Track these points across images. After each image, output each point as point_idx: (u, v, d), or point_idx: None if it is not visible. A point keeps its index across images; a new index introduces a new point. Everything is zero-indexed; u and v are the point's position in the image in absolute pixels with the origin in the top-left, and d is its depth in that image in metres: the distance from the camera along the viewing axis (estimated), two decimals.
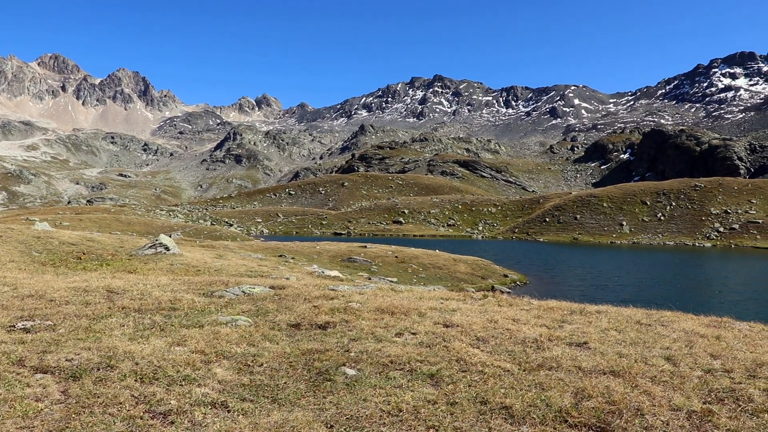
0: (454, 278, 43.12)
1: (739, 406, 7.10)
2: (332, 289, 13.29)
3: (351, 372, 7.70)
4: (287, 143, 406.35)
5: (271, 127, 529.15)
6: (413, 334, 9.47)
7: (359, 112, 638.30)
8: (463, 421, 6.37)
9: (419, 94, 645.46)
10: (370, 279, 34.99)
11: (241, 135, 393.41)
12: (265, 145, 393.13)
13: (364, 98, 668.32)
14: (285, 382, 7.38)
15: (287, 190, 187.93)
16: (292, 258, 41.30)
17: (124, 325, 9.63)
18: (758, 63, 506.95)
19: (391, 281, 34.64)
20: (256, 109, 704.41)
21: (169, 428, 6.06)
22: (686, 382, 7.69)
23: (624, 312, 11.79)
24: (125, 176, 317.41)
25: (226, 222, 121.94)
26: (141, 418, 6.17)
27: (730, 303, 36.70)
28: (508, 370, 7.86)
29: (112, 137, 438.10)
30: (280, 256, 42.00)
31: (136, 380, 7.14)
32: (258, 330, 9.60)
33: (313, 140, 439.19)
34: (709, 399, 7.24)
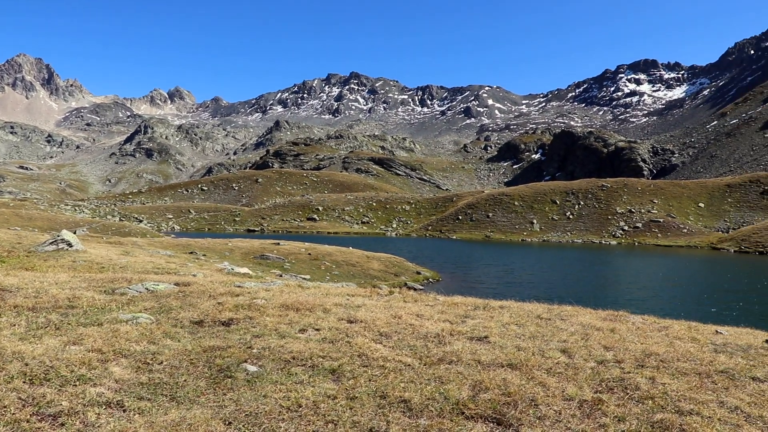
0: (367, 275, 43.29)
1: (627, 394, 7.44)
2: (238, 286, 13.14)
3: (252, 368, 7.62)
4: (200, 138, 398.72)
5: (184, 121, 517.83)
6: (317, 330, 9.47)
7: (274, 107, 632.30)
8: (362, 415, 6.41)
9: (335, 90, 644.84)
10: (281, 276, 34.73)
11: (152, 128, 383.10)
12: (177, 139, 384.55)
13: (280, 94, 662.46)
14: (185, 380, 7.24)
15: (200, 185, 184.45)
16: (203, 255, 40.56)
17: (15, 325, 9.20)
18: (660, 70, 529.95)
19: (304, 278, 34.54)
20: (169, 102, 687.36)
21: (59, 430, 5.83)
22: (580, 373, 7.99)
23: (526, 307, 12.14)
24: (26, 169, 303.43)
25: (136, 218, 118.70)
26: (27, 422, 5.87)
27: (634, 298, 38.19)
28: (409, 365, 7.97)
29: (12, 127, 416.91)
30: (191, 253, 41.16)
31: (24, 382, 6.82)
32: (159, 327, 9.39)
33: (227, 135, 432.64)
34: (600, 388, 7.56)
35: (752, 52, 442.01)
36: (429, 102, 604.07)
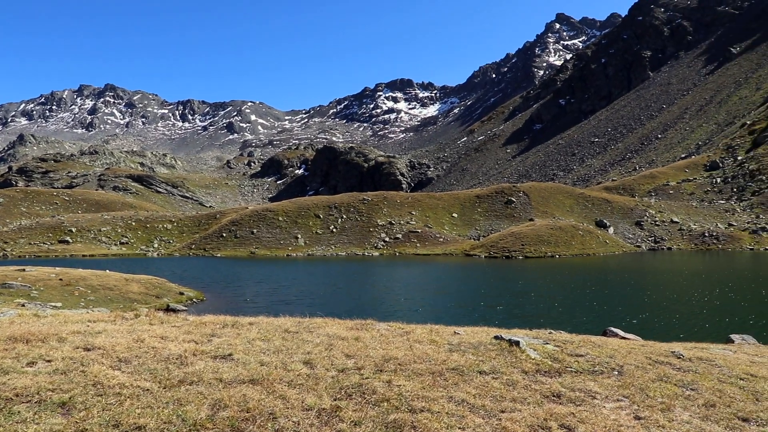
0: (126, 299, 41.17)
1: (365, 398, 7.80)
2: None
3: None
4: None
5: None
6: (48, 361, 8.82)
7: (17, 119, 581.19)
8: None
9: (89, 103, 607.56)
10: (24, 306, 31.90)
11: None
12: None
13: (24, 105, 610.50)
14: None
15: None
16: None
17: None
18: (415, 89, 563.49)
19: (55, 306, 32.01)
20: None
21: None
22: (320, 383, 8.24)
23: (276, 322, 12.25)
24: None
25: None
26: None
27: (396, 306, 39.97)
28: (148, 389, 7.72)
29: None
30: None
31: None
32: None
33: None
34: (339, 396, 7.85)
35: (494, 75, 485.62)
36: (190, 117, 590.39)
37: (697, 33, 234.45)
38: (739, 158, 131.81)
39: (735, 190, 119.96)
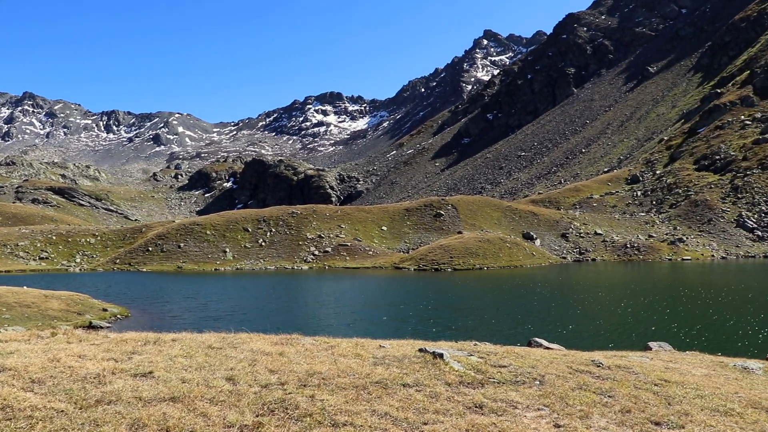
0: (45, 317, 39.79)
1: (288, 414, 7.76)
2: None
3: None
4: None
5: None
6: None
7: None
8: None
9: (5, 112, 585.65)
10: None
11: None
12: None
13: None
14: None
15: None
16: None
17: None
18: (345, 103, 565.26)
19: None
20: None
21: None
22: (243, 399, 8.15)
23: (200, 338, 12.06)
24: None
25: None
26: None
27: (325, 321, 39.84)
28: (62, 411, 7.47)
29: None
30: None
31: None
32: None
33: None
34: (262, 411, 7.79)
35: (423, 89, 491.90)
36: (115, 128, 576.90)
37: (618, 52, 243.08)
38: (658, 172, 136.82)
39: (654, 202, 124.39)
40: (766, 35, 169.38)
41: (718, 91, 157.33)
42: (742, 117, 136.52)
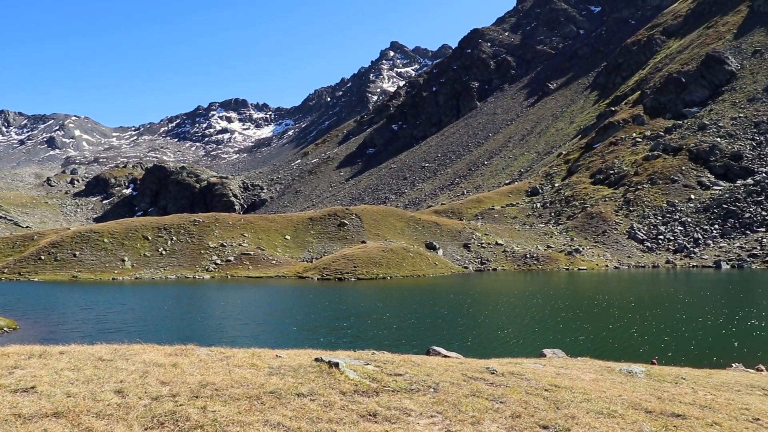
0: None
1: (178, 426, 7.66)
2: None
3: None
4: None
5: None
6: None
7: None
8: None
9: None
10: None
11: None
12: None
13: None
14: None
15: None
16: None
17: None
18: (250, 110, 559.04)
19: None
20: None
21: None
22: (132, 412, 7.98)
23: (90, 350, 11.69)
24: None
25: None
26: None
27: (225, 331, 39.18)
28: None
29: None
30: None
31: None
32: None
33: None
34: (151, 425, 7.64)
35: (329, 99, 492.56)
36: (5, 129, 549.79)
37: (520, 68, 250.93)
38: (556, 185, 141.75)
39: (553, 214, 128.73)
40: (655, 59, 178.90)
41: (613, 109, 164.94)
42: (634, 134, 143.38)
